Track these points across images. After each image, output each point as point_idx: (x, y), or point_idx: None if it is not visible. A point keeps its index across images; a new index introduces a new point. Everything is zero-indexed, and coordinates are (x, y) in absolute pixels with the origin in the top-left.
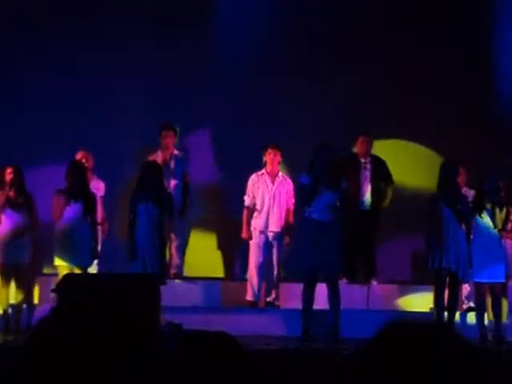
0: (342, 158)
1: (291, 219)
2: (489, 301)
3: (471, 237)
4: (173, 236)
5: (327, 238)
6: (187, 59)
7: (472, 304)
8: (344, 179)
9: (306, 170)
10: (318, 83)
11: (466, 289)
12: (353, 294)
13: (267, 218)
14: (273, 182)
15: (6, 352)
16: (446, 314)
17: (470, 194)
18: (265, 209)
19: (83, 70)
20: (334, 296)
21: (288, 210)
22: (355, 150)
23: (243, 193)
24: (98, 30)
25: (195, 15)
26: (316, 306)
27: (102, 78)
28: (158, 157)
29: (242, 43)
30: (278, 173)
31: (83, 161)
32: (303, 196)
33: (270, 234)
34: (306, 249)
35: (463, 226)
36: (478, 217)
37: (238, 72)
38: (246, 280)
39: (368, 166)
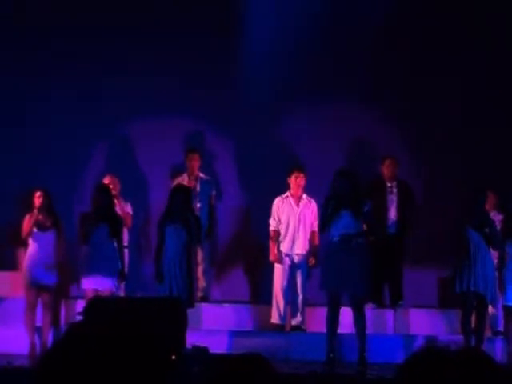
0: (367, 181)
1: (316, 241)
2: None
3: (505, 261)
4: (199, 259)
5: (350, 261)
6: (213, 85)
7: (499, 328)
8: (367, 203)
9: (328, 196)
10: (345, 103)
11: (492, 313)
12: (380, 319)
13: (293, 241)
14: (297, 205)
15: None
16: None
17: (499, 217)
18: (290, 231)
19: (108, 93)
20: (359, 319)
21: (313, 232)
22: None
23: (268, 216)
24: (121, 54)
25: (222, 32)
26: (343, 330)
27: (126, 101)
28: (184, 180)
29: (268, 65)
30: (302, 195)
31: (110, 186)
32: (322, 220)
33: (296, 257)
34: (328, 272)
35: (492, 250)
36: (510, 241)
37: (263, 93)
38: (271, 303)
39: (394, 190)
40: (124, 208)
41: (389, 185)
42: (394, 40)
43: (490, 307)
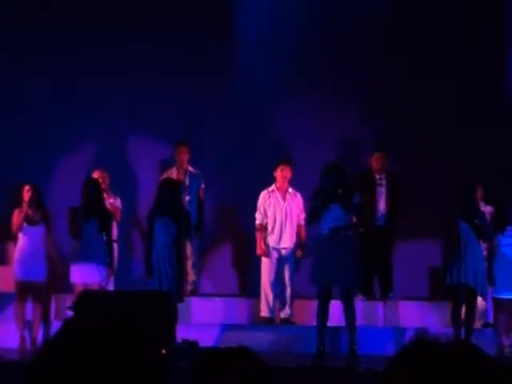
0: (356, 174)
1: (303, 234)
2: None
3: (494, 253)
4: (188, 253)
5: (340, 254)
6: (204, 82)
7: (489, 320)
8: (355, 195)
9: (316, 190)
10: (331, 99)
11: (481, 305)
12: (370, 311)
13: (280, 235)
14: (284, 199)
15: (23, 369)
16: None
17: (487, 209)
18: (277, 225)
19: (97, 86)
20: (349, 312)
21: (300, 225)
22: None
23: (256, 209)
24: (118, 53)
25: (214, 39)
26: (333, 323)
27: (115, 94)
28: (173, 173)
29: (260, 59)
30: (288, 188)
31: (100, 180)
32: (310, 213)
33: (283, 251)
34: (318, 265)
35: (481, 242)
36: (500, 233)
37: (255, 87)
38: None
39: (383, 182)
40: (113, 202)
41: (378, 177)
42: (390, 38)
43: (479, 299)
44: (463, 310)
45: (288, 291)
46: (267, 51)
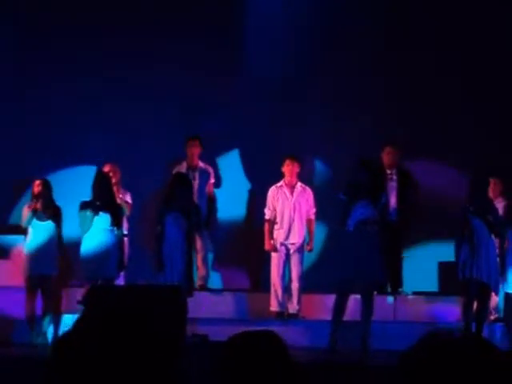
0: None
1: (312, 228)
2: None
3: (506, 248)
4: (198, 247)
5: (366, 251)
6: (214, 80)
7: (499, 315)
8: (383, 194)
9: (345, 186)
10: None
11: (494, 300)
12: (380, 306)
13: (289, 230)
14: (292, 194)
15: (33, 363)
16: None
17: (502, 204)
18: (286, 220)
19: (107, 80)
20: (367, 308)
21: (309, 220)
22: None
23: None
24: (126, 51)
25: (223, 38)
26: (345, 318)
27: (126, 89)
28: (183, 167)
29: (268, 64)
30: (296, 183)
31: (110, 174)
32: (342, 211)
33: (292, 246)
34: (343, 260)
35: (494, 237)
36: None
37: (267, 80)
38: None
39: (394, 177)
40: (123, 197)
41: (389, 172)
42: (396, 39)
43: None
44: (475, 305)
45: (296, 286)
46: (277, 51)
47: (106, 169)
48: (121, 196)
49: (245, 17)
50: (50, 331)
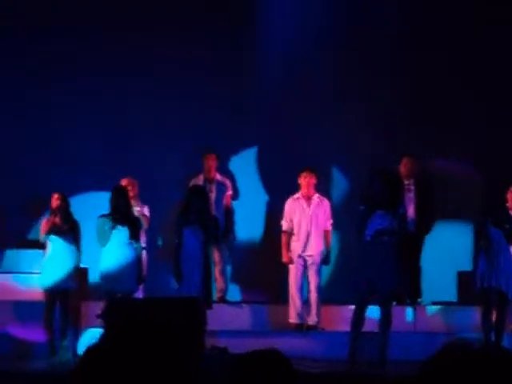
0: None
1: (329, 240)
2: None
3: None
4: (216, 260)
5: (383, 262)
6: (228, 84)
7: None
8: (402, 205)
9: (361, 195)
10: (359, 103)
11: None
12: (400, 316)
13: (306, 242)
14: (309, 205)
15: (53, 377)
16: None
17: None
18: (302, 233)
19: (120, 92)
20: (385, 319)
21: (326, 232)
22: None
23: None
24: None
25: (236, 40)
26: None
27: (140, 102)
28: (200, 180)
29: (282, 65)
30: (313, 195)
31: (129, 188)
32: (357, 221)
33: (309, 258)
34: (361, 271)
35: None
36: None
37: (281, 91)
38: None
39: (412, 188)
40: (141, 210)
41: (406, 183)
42: (409, 42)
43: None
44: (494, 314)
45: (315, 297)
46: (292, 61)
47: (124, 183)
48: (138, 209)
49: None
50: (69, 345)
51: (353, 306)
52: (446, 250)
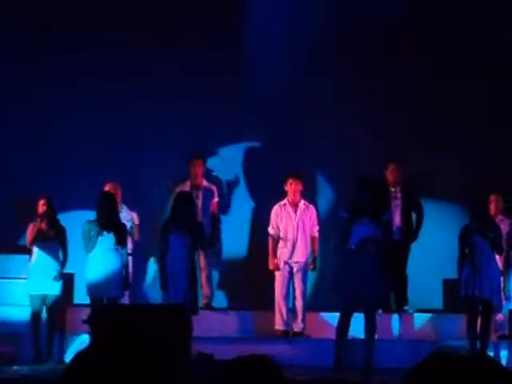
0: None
1: (316, 246)
2: None
3: (509, 265)
4: (202, 266)
5: (367, 270)
6: (216, 86)
7: (504, 332)
8: (387, 212)
9: (345, 203)
10: (346, 110)
11: (498, 317)
12: (386, 324)
13: (293, 249)
14: (295, 212)
15: (40, 382)
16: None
17: (507, 222)
18: (289, 239)
19: (109, 97)
20: (369, 326)
21: (313, 238)
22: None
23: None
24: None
25: (225, 42)
26: (349, 336)
27: (128, 106)
28: (187, 186)
29: (272, 71)
30: (299, 201)
31: (112, 191)
32: (342, 229)
33: (295, 265)
34: (346, 280)
35: (496, 255)
36: None
37: (270, 95)
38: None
39: (398, 195)
40: (127, 215)
41: (393, 190)
42: (407, 43)
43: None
44: (479, 322)
45: (300, 304)
46: (280, 61)
47: (107, 187)
48: (125, 214)
49: (245, 18)
50: (55, 350)
51: (338, 313)
52: (432, 258)
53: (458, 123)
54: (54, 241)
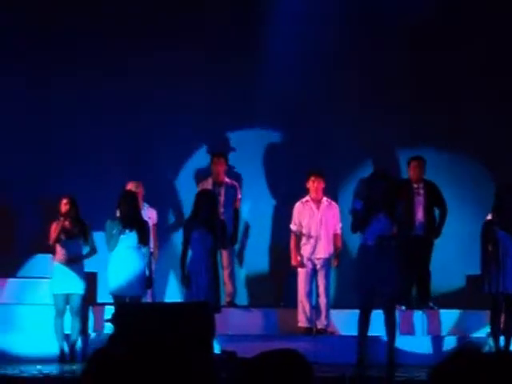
0: (393, 183)
1: (339, 243)
2: None
3: None
4: (225, 264)
5: (383, 264)
6: (236, 86)
7: None
8: (399, 206)
9: (359, 196)
10: (367, 107)
11: None
12: (409, 320)
13: (315, 245)
14: (318, 208)
15: (64, 382)
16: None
17: None
18: (312, 235)
19: (130, 96)
20: (389, 322)
21: (335, 235)
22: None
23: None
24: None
25: (244, 43)
26: (373, 333)
27: (150, 105)
28: (209, 184)
29: (290, 68)
30: (321, 198)
31: (137, 191)
32: (354, 221)
33: (318, 261)
34: (361, 275)
35: None
36: None
37: (287, 97)
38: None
39: (421, 192)
40: (148, 213)
41: (415, 186)
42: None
43: None
44: (502, 318)
45: (324, 301)
46: (295, 63)
47: (129, 186)
48: (149, 212)
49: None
50: (78, 349)
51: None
52: (455, 254)
53: (479, 117)
54: (78, 239)
